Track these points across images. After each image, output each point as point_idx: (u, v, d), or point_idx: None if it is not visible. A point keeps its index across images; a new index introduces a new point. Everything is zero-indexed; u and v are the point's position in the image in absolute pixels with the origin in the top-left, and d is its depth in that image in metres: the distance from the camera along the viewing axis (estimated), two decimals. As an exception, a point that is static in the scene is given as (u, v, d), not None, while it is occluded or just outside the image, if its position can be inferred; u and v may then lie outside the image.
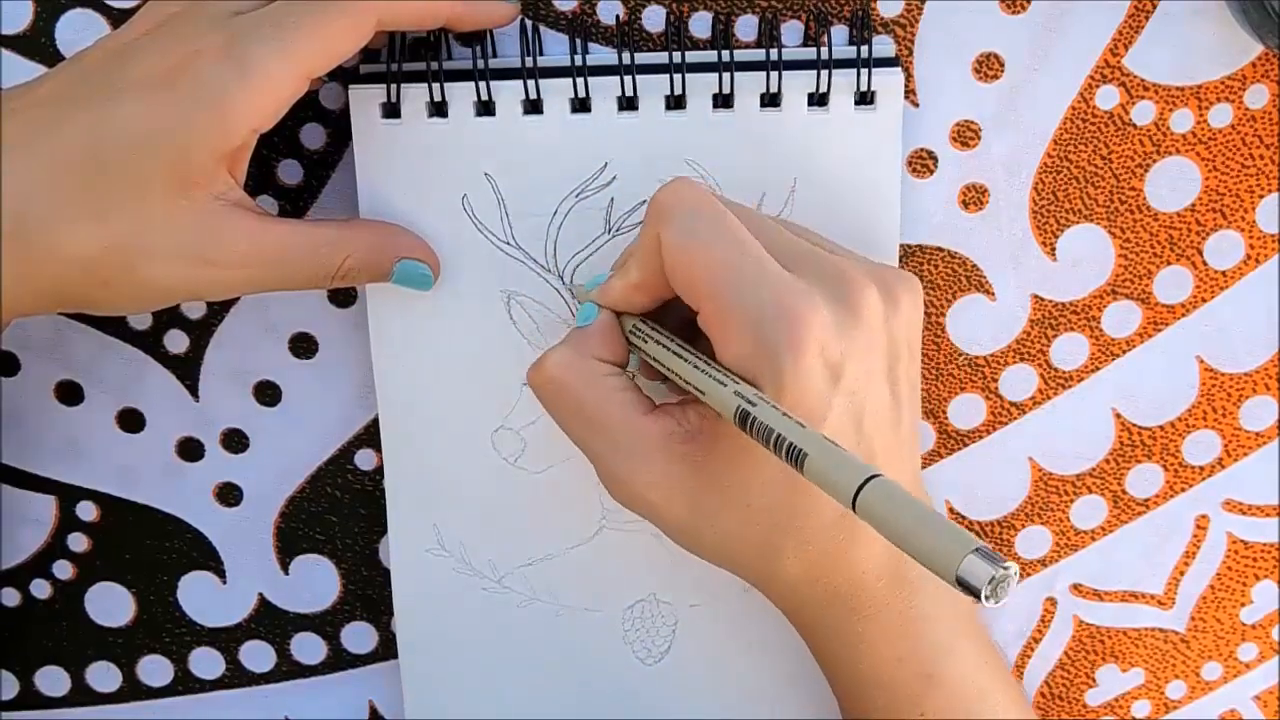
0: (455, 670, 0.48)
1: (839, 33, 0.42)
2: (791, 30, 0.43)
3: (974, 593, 0.29)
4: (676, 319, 0.40)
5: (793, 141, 0.42)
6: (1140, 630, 0.50)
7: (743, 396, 0.36)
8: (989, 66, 0.43)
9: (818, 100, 0.42)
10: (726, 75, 0.41)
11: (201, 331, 0.46)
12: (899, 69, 0.42)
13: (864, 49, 0.41)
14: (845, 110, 0.42)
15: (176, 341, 0.46)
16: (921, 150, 0.44)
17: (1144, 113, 0.44)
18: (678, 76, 0.41)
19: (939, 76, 0.43)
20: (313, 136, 0.44)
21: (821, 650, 0.43)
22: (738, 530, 0.39)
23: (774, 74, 0.41)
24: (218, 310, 0.46)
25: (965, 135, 0.44)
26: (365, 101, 0.42)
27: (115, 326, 0.46)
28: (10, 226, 0.36)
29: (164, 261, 0.37)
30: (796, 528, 0.39)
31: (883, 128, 0.42)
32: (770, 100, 0.42)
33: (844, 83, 0.42)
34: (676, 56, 0.41)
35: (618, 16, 0.42)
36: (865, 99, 0.42)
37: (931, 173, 0.44)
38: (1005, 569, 0.29)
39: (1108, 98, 0.43)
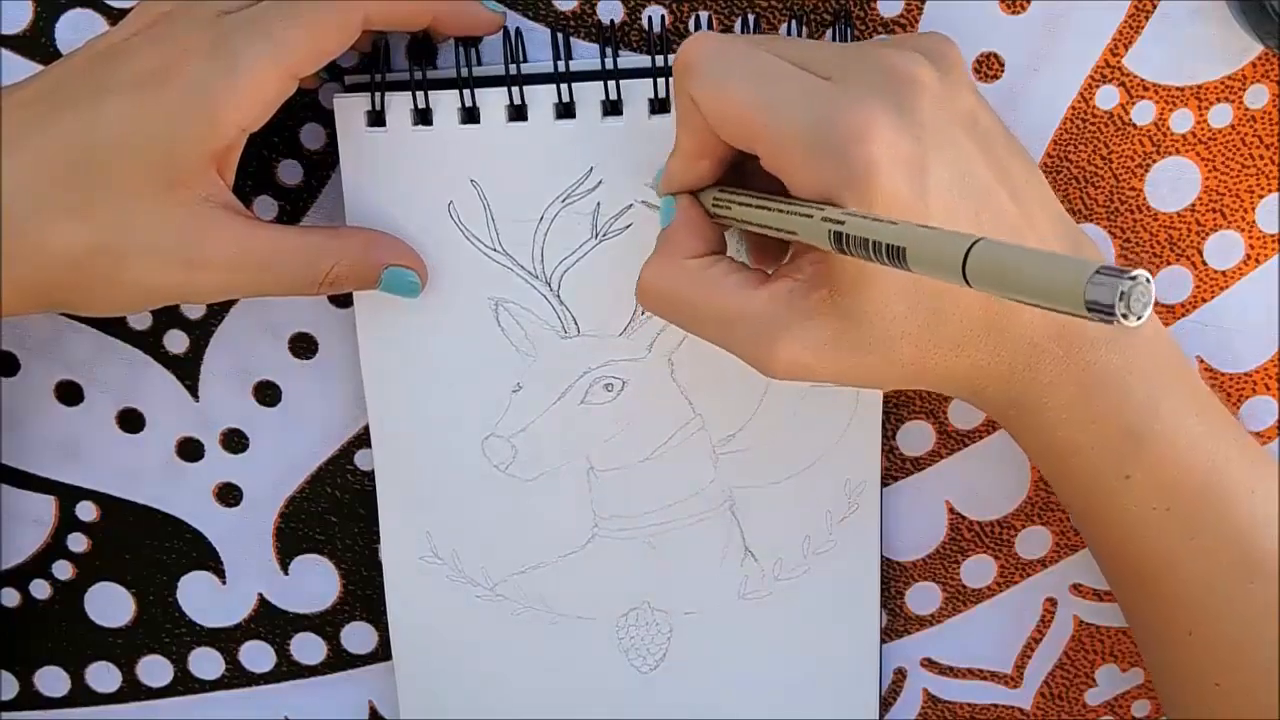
0: (450, 679, 0.48)
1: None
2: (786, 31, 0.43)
3: (1109, 314, 0.26)
4: (759, 186, 0.38)
5: None
6: (1140, 630, 0.50)
7: (830, 220, 0.34)
8: (989, 66, 0.43)
9: None
10: None
11: (201, 331, 0.46)
12: None
13: None
14: None
15: (176, 341, 0.46)
16: (921, 150, 0.44)
17: (1144, 113, 0.44)
18: (660, 80, 0.41)
19: (939, 76, 0.43)
20: (313, 136, 0.44)
21: (1015, 427, 0.40)
22: (896, 346, 0.36)
23: None
24: (218, 310, 0.46)
25: (965, 135, 0.44)
26: (350, 110, 0.42)
27: (115, 326, 0.46)
28: None
29: (150, 262, 0.37)
30: (947, 319, 0.36)
31: None
32: None
33: None
34: (659, 60, 0.41)
35: (611, 21, 0.42)
36: None
37: (931, 173, 0.44)
38: (1132, 278, 0.26)
39: (1108, 98, 0.43)
